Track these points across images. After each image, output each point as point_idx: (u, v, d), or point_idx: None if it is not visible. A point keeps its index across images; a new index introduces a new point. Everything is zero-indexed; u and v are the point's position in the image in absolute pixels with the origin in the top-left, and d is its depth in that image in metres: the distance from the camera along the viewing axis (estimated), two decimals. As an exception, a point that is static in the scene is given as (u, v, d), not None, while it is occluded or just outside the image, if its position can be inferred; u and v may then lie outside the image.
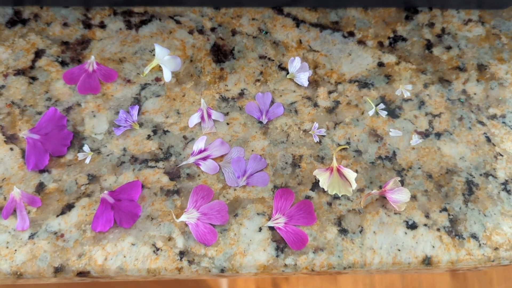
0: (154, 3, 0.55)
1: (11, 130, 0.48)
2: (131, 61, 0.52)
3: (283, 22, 0.55)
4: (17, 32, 0.53)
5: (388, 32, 0.55)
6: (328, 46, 0.54)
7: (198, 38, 0.54)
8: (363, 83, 0.52)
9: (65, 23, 0.54)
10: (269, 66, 0.52)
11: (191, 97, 0.50)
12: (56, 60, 0.52)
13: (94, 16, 0.54)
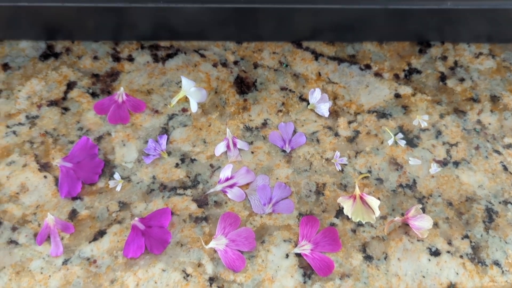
0: (180, 38, 0.57)
1: (44, 158, 0.50)
2: (158, 93, 0.54)
3: (303, 56, 0.57)
4: (50, 65, 0.55)
5: (403, 65, 0.57)
6: (346, 78, 0.56)
7: (222, 70, 0.56)
8: (381, 114, 0.54)
9: (95, 56, 0.56)
10: (290, 97, 0.55)
11: (216, 126, 0.52)
12: (87, 92, 0.54)
13: (123, 49, 0.57)
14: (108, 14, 0.53)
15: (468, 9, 0.50)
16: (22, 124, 0.52)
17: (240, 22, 0.55)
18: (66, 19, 0.54)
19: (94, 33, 0.56)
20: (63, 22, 0.55)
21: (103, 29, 0.56)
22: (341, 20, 0.54)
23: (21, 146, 0.50)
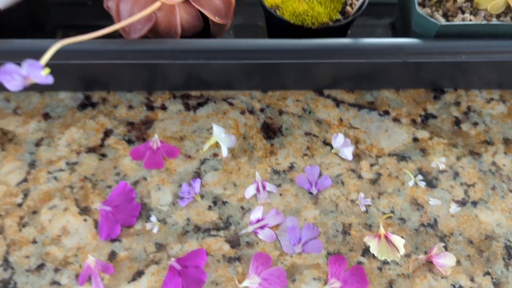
0: (209, 88, 0.61)
1: (84, 202, 0.53)
2: (190, 139, 0.58)
3: (324, 103, 0.61)
4: (87, 114, 0.59)
5: (419, 111, 0.61)
6: (366, 123, 0.59)
7: (249, 117, 0.59)
8: (401, 157, 0.57)
9: (130, 105, 0.60)
10: (314, 142, 0.58)
11: (245, 170, 0.55)
12: (123, 139, 0.57)
13: (156, 99, 0.60)
14: (143, 69, 0.58)
15: (481, 62, 0.53)
16: (63, 170, 0.55)
17: (265, 74, 0.59)
18: (103, 73, 0.59)
19: (128, 84, 0.60)
20: (100, 75, 0.59)
21: (137, 81, 0.60)
22: (360, 71, 0.58)
23: (62, 191, 0.53)
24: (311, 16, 0.52)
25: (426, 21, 0.51)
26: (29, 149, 0.56)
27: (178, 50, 0.52)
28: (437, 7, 0.52)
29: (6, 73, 0.34)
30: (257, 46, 0.52)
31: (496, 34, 0.51)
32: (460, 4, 0.52)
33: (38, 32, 0.61)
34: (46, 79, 0.34)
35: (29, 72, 0.34)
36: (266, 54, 0.53)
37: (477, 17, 0.51)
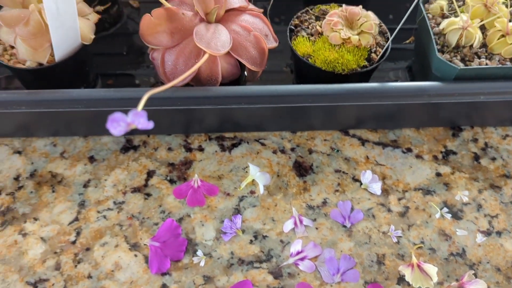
0: (241, 130, 0.65)
1: (133, 239, 0.56)
2: (228, 178, 0.61)
3: (351, 142, 0.65)
4: (130, 157, 0.63)
5: (439, 147, 0.65)
6: (391, 160, 0.64)
7: (281, 156, 0.64)
8: (426, 191, 0.61)
9: (169, 147, 0.64)
10: (344, 178, 0.62)
11: (282, 206, 0.59)
12: (165, 179, 0.61)
13: (193, 141, 0.65)
14: (182, 113, 0.62)
15: (497, 101, 0.58)
16: (111, 209, 0.58)
17: (295, 116, 0.64)
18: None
19: (167, 128, 0.65)
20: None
21: (176, 124, 0.64)
22: (384, 112, 0.63)
23: (111, 228, 0.57)
24: (341, 63, 0.57)
25: (446, 65, 0.56)
26: (78, 190, 0.60)
27: (219, 96, 0.57)
28: (455, 53, 0.58)
29: (114, 121, 0.38)
30: (292, 91, 0.57)
31: (510, 76, 0.56)
32: (476, 49, 0.57)
33: (84, 80, 0.66)
34: (148, 125, 0.39)
35: (133, 120, 0.38)
36: (299, 98, 0.58)
37: (492, 61, 0.57)
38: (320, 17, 0.63)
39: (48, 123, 0.63)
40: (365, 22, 0.58)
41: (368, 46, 0.59)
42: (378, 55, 0.59)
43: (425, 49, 0.61)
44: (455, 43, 0.57)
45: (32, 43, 0.56)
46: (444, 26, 0.59)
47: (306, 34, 0.61)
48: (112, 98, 0.56)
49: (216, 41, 0.55)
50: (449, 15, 0.61)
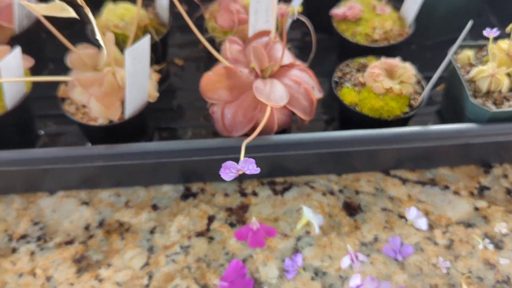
0: (291, 174, 0.71)
1: (202, 280, 0.60)
2: (283, 219, 0.66)
3: (392, 182, 0.71)
4: (190, 203, 0.68)
5: (474, 184, 0.70)
6: (431, 197, 0.69)
7: (330, 198, 0.69)
8: (467, 224, 0.66)
9: (225, 193, 0.69)
10: (390, 216, 0.67)
11: (337, 244, 0.64)
12: (225, 222, 0.66)
13: (247, 186, 0.70)
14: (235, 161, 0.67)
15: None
16: (178, 253, 0.62)
17: (339, 160, 0.69)
18: (202, 167, 0.68)
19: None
20: (198, 169, 0.68)
21: (230, 171, 0.69)
22: (422, 153, 0.68)
23: (181, 271, 0.61)
24: (387, 110, 0.63)
25: (480, 109, 0.62)
26: (145, 236, 0.64)
27: (276, 144, 0.63)
28: (486, 98, 0.64)
29: (227, 168, 0.43)
30: (342, 137, 0.63)
31: (538, 116, 0.62)
32: (504, 94, 0.64)
33: (144, 134, 0.71)
34: (256, 170, 0.44)
35: (243, 166, 0.43)
36: (348, 144, 0.63)
37: (521, 104, 0.63)
38: (360, 69, 0.69)
39: (113, 175, 0.67)
40: (404, 72, 0.65)
41: (408, 94, 0.65)
42: (416, 102, 0.65)
43: (456, 95, 0.67)
44: (486, 88, 0.64)
45: (105, 102, 0.62)
46: (474, 74, 0.65)
47: (351, 85, 0.67)
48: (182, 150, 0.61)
49: (275, 95, 0.61)
50: (475, 64, 0.68)
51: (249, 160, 0.45)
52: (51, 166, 0.61)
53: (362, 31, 0.74)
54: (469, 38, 0.89)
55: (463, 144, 0.64)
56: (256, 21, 0.69)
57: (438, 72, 0.62)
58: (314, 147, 0.63)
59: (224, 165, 0.44)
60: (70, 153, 0.61)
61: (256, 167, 0.45)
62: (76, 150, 0.61)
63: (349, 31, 0.75)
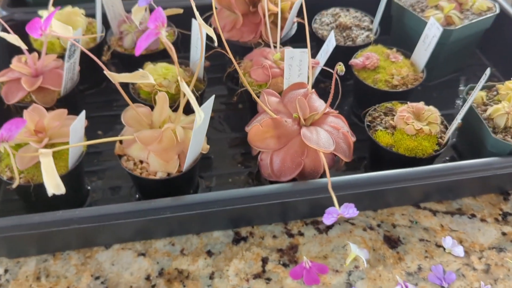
0: (330, 213, 0.75)
1: (269, 320, 0.63)
2: (332, 256, 0.70)
3: (424, 214, 0.76)
4: (242, 247, 0.71)
5: (497, 211, 0.77)
6: (462, 226, 0.75)
7: (371, 233, 0.74)
8: (499, 248, 0.72)
9: (274, 235, 0.73)
10: (429, 246, 0.72)
11: (385, 275, 0.68)
12: (279, 263, 0.69)
13: (292, 227, 0.74)
14: (281, 205, 0.72)
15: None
16: (240, 296, 0.66)
17: (375, 197, 0.75)
18: (250, 212, 0.72)
19: (268, 219, 0.74)
20: (247, 215, 0.73)
21: (275, 215, 0.74)
22: (450, 185, 0.75)
23: (246, 313, 0.64)
24: (421, 149, 0.70)
25: (502, 143, 0.70)
26: (206, 282, 0.67)
27: (320, 188, 0.68)
28: (505, 133, 0.72)
29: (329, 213, 0.48)
30: (383, 177, 0.69)
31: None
32: (520, 128, 0.72)
33: (193, 184, 0.75)
34: (355, 213, 0.49)
35: (344, 211, 0.48)
36: (387, 182, 0.69)
37: (535, 137, 0.71)
38: (387, 113, 0.76)
39: (167, 225, 0.71)
40: (430, 114, 0.72)
41: (436, 134, 0.72)
42: (443, 140, 0.72)
43: (476, 132, 0.75)
44: (504, 125, 0.72)
45: (164, 157, 0.66)
46: (490, 112, 0.73)
47: (382, 128, 0.74)
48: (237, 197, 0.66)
49: (323, 141, 0.67)
50: (489, 103, 0.76)
51: (349, 205, 0.50)
52: (115, 222, 0.64)
53: (382, 78, 0.81)
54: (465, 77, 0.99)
55: (488, 175, 0.71)
56: (290, 75, 0.75)
57: (461, 113, 0.70)
58: (356, 188, 0.68)
59: (327, 211, 0.49)
60: (134, 208, 0.64)
61: (355, 210, 0.50)
62: (140, 204, 0.64)
63: (370, 79, 0.82)
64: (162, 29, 0.50)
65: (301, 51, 0.74)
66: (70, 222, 0.62)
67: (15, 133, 0.43)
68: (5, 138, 0.43)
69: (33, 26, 0.46)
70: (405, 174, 0.69)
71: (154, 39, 0.48)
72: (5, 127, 0.43)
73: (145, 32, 0.49)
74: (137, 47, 0.47)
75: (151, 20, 0.48)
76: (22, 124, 0.44)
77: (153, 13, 0.48)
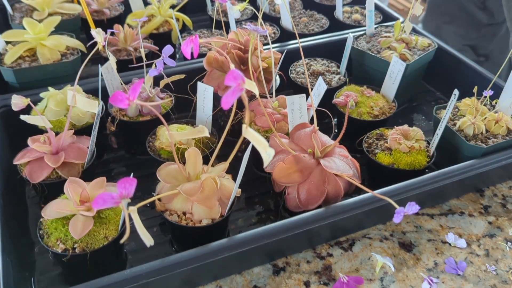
0: (351, 232, 0.85)
1: (330, 332, 0.70)
2: (362, 268, 0.80)
3: (424, 219, 0.89)
4: (284, 277, 0.78)
5: (478, 206, 0.92)
6: (456, 222, 0.88)
7: (387, 243, 0.84)
8: (490, 235, 0.86)
9: (307, 261, 0.81)
10: (436, 243, 0.84)
11: (411, 275, 0.79)
12: (320, 283, 0.77)
13: (321, 251, 0.83)
14: (307, 233, 0.80)
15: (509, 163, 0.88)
16: (297, 318, 0.72)
17: (384, 212, 0.86)
18: (284, 244, 0.80)
19: (299, 247, 0.82)
20: (282, 247, 0.80)
21: (304, 243, 0.82)
22: (440, 191, 0.88)
23: (308, 331, 0.70)
24: (417, 163, 0.83)
25: (476, 148, 0.85)
26: (263, 312, 0.73)
27: (344, 209, 0.78)
28: (475, 139, 0.87)
29: (398, 213, 0.57)
30: (390, 192, 0.80)
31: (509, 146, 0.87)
32: (485, 134, 0.88)
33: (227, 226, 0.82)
34: (417, 208, 0.58)
35: (408, 209, 0.57)
36: (394, 195, 0.81)
37: (498, 138, 0.87)
38: (379, 138, 0.89)
39: (212, 270, 0.76)
40: (416, 133, 0.86)
41: (424, 148, 0.86)
42: (430, 152, 0.86)
43: (451, 142, 0.90)
44: (472, 133, 0.87)
45: (208, 204, 0.73)
46: (459, 125, 0.89)
47: (380, 151, 0.86)
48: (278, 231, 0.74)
49: (341, 167, 0.78)
50: (455, 119, 0.92)
51: (411, 203, 0.60)
52: (163, 275, 0.68)
53: (364, 111, 0.95)
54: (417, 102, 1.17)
55: (471, 175, 0.86)
56: (293, 118, 0.86)
57: (441, 129, 0.84)
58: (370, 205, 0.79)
59: (397, 211, 0.59)
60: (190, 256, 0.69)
61: (417, 207, 0.60)
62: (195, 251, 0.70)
63: (354, 113, 0.95)
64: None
65: (299, 97, 0.85)
66: (139, 278, 0.66)
67: (131, 190, 0.48)
68: (125, 196, 0.48)
69: (117, 98, 0.52)
70: (408, 185, 0.81)
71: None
72: (121, 186, 0.48)
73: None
74: (223, 103, 0.53)
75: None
76: (133, 182, 0.49)
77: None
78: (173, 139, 0.63)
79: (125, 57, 1.13)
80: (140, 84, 0.53)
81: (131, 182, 0.49)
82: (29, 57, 1.07)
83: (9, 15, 1.25)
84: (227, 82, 0.53)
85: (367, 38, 1.13)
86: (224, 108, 0.52)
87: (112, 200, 0.47)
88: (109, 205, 0.47)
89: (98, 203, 0.47)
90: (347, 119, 0.77)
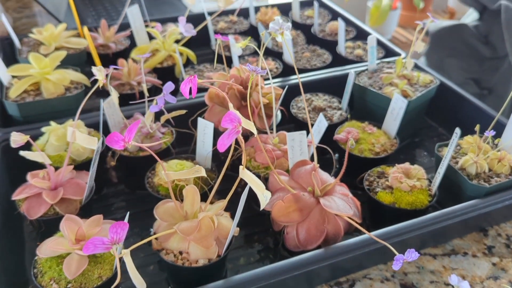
0: (349, 272, 0.84)
1: None
2: (363, 310, 0.78)
3: (426, 259, 0.87)
4: (282, 318, 0.77)
5: (482, 246, 0.90)
6: (459, 263, 0.86)
7: (388, 284, 0.82)
8: (494, 277, 0.84)
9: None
10: (439, 285, 0.82)
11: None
12: (319, 326, 0.75)
13: None
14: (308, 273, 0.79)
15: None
16: None
17: (385, 252, 0.84)
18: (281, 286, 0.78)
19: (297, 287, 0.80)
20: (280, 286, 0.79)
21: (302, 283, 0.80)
22: (442, 231, 0.87)
23: None
24: (419, 202, 0.81)
25: (478, 187, 0.84)
26: None
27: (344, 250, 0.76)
28: (478, 178, 0.86)
29: (397, 260, 0.55)
30: (393, 232, 0.79)
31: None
32: (488, 173, 0.87)
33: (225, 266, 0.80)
34: (416, 256, 0.57)
35: (408, 256, 0.56)
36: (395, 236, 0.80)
37: (500, 177, 0.86)
38: (380, 176, 0.88)
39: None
40: (418, 171, 0.85)
41: (426, 187, 0.85)
42: (432, 191, 0.85)
43: (453, 181, 0.89)
44: (475, 172, 0.86)
45: (205, 244, 0.72)
46: (461, 163, 0.88)
47: (380, 189, 0.85)
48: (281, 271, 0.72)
49: (341, 207, 0.77)
50: (458, 157, 0.91)
51: (411, 250, 0.59)
52: None
53: (366, 148, 0.95)
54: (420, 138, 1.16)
55: (474, 215, 0.84)
56: (293, 154, 0.86)
57: (443, 168, 0.84)
58: (371, 245, 0.78)
59: (396, 258, 0.57)
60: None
61: (417, 254, 0.59)
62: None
63: (355, 149, 0.95)
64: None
65: (300, 133, 0.85)
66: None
67: (122, 235, 0.48)
68: (116, 241, 0.47)
69: (113, 140, 0.52)
70: (409, 225, 0.80)
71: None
72: (112, 231, 0.48)
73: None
74: (219, 145, 0.53)
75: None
76: (125, 226, 0.49)
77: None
78: (170, 178, 0.63)
79: (128, 91, 1.14)
80: (136, 126, 0.53)
81: (123, 227, 0.49)
82: (34, 91, 1.08)
83: (17, 49, 1.27)
84: (223, 124, 0.53)
85: (369, 74, 1.13)
86: (220, 151, 0.52)
87: (103, 246, 0.46)
88: (100, 250, 0.46)
89: (89, 248, 0.46)
90: (347, 157, 0.76)
